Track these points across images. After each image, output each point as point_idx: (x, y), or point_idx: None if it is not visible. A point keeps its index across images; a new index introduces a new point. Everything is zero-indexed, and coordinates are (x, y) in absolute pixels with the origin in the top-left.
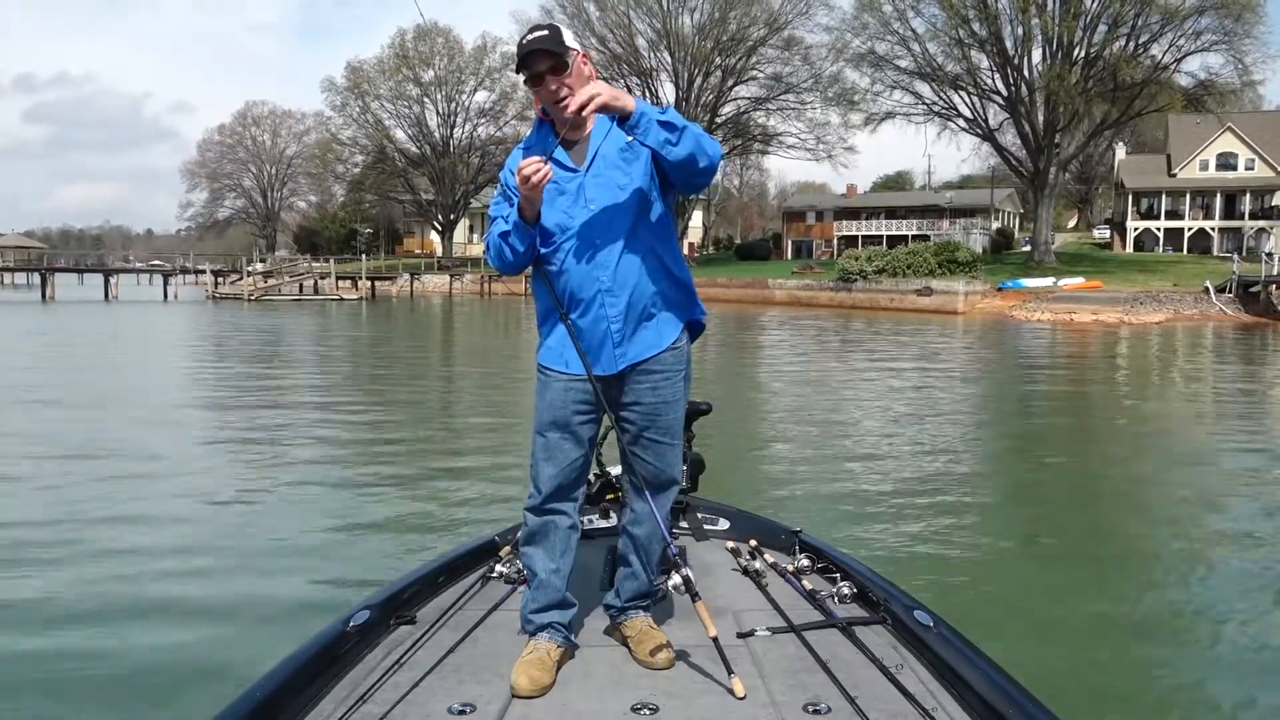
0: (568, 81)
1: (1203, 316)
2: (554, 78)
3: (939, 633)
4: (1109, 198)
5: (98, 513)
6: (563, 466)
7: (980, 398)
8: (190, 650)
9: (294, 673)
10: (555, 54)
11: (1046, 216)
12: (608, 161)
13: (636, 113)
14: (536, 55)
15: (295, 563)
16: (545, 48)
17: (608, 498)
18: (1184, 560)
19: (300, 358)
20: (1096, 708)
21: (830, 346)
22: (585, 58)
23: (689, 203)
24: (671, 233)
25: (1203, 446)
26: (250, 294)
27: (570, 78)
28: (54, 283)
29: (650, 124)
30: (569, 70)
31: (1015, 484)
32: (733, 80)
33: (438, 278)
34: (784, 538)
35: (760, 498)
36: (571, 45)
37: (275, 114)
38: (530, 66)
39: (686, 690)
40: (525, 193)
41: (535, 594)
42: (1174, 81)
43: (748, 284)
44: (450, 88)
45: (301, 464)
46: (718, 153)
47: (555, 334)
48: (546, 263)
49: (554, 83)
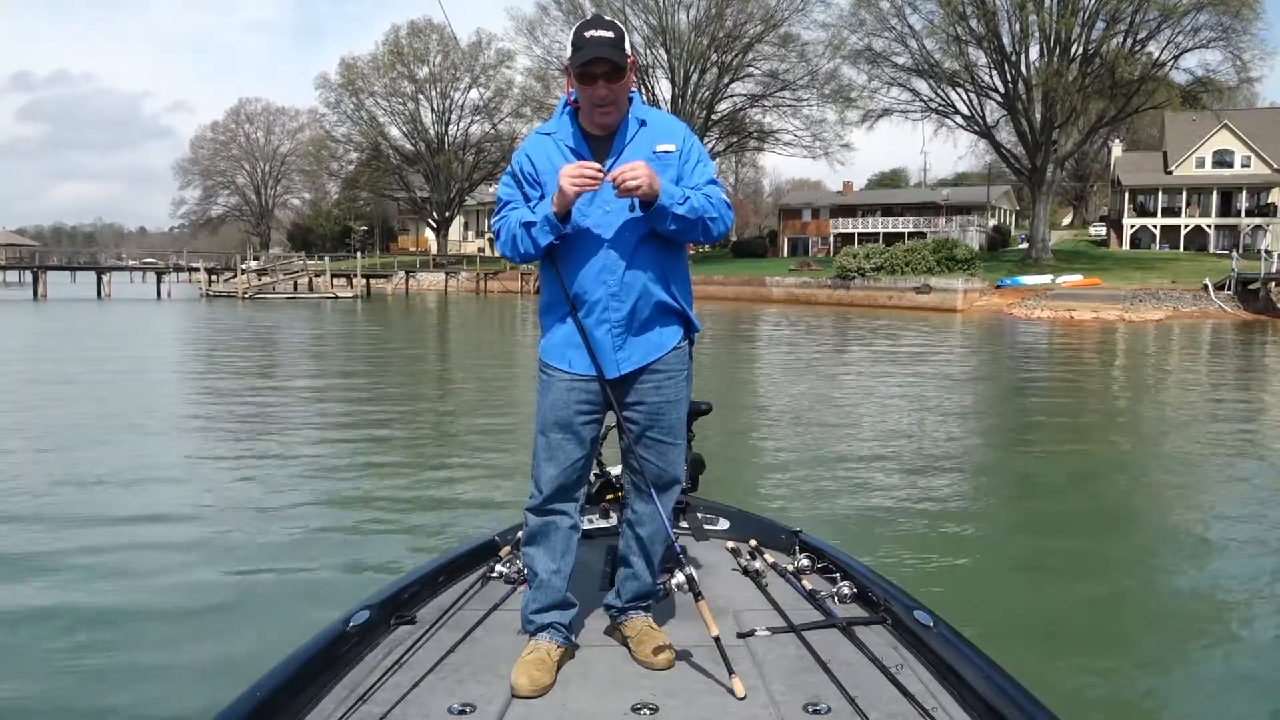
0: (617, 89)
1: (1202, 314)
2: (606, 83)
3: (939, 633)
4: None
5: (97, 513)
6: (565, 467)
7: (981, 397)
8: (190, 650)
9: (294, 673)
10: (615, 62)
11: (1043, 214)
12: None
13: (659, 204)
14: (598, 60)
15: (295, 563)
16: (608, 56)
17: (608, 498)
18: (1185, 560)
19: (296, 357)
20: (1096, 707)
21: (830, 345)
22: (633, 65)
23: None
24: (682, 251)
25: (1204, 446)
26: (244, 292)
27: (622, 86)
28: (46, 281)
29: (667, 215)
30: (624, 79)
31: (1016, 484)
32: (729, 77)
33: (433, 275)
34: (784, 538)
35: (760, 498)
36: (628, 52)
37: (269, 111)
38: (589, 67)
39: (686, 690)
40: (565, 189)
41: (536, 594)
42: (1171, 78)
43: (745, 282)
44: (445, 84)
45: (300, 464)
46: (723, 232)
47: (559, 330)
48: (556, 258)
49: (605, 88)
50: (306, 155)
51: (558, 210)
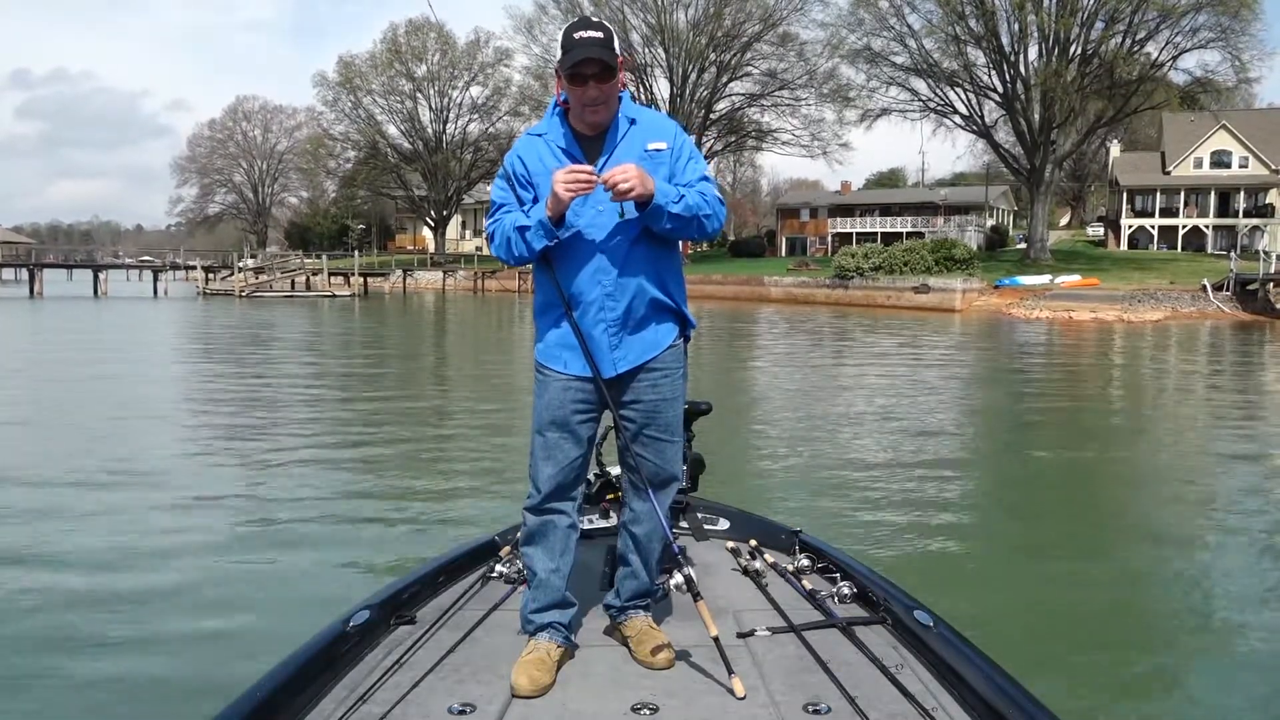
0: (607, 89)
1: (1200, 314)
2: (597, 84)
3: (939, 633)
4: (1102, 195)
5: (94, 513)
6: (562, 466)
7: (982, 397)
8: (190, 651)
9: (294, 673)
10: (605, 62)
11: (1042, 214)
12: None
13: (654, 204)
14: (588, 60)
15: (295, 563)
16: (598, 56)
17: (608, 498)
18: (1185, 560)
19: (294, 356)
20: (1096, 708)
21: (829, 344)
22: (623, 64)
23: None
24: (676, 248)
25: (1205, 447)
26: (241, 290)
27: (612, 86)
28: (42, 279)
29: (662, 215)
30: (615, 79)
31: (1016, 484)
32: (727, 76)
33: (431, 274)
34: (784, 538)
35: (760, 498)
36: (618, 52)
37: (266, 109)
38: (579, 68)
39: (686, 690)
40: (560, 194)
41: (535, 594)
42: (1170, 79)
43: (743, 281)
44: (443, 83)
45: (298, 464)
46: (718, 229)
47: (554, 331)
48: (551, 258)
49: (595, 88)
50: (304, 153)
51: (552, 214)
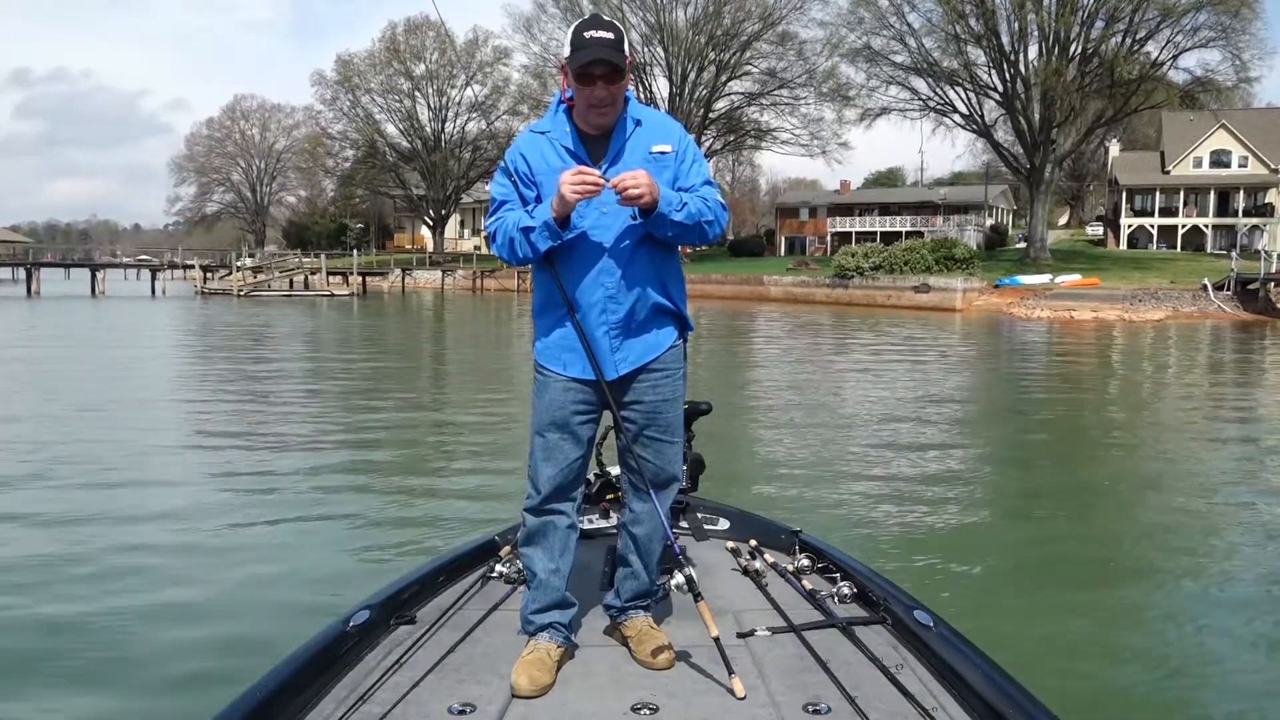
0: (615, 91)
1: (1201, 314)
2: (605, 85)
3: (939, 633)
4: (1101, 194)
5: (92, 513)
6: (562, 467)
7: (983, 397)
8: (189, 651)
9: (294, 673)
10: (615, 64)
11: (1042, 213)
12: (629, 168)
13: (659, 211)
14: (598, 61)
15: (295, 563)
16: (608, 58)
17: (608, 498)
18: (1185, 561)
19: (293, 355)
20: (1096, 708)
21: (829, 344)
22: (631, 65)
23: None
24: (676, 251)
25: (1206, 447)
26: (239, 289)
27: (620, 87)
28: (39, 278)
29: (666, 222)
30: (623, 80)
31: (1016, 484)
32: (727, 75)
33: (429, 273)
34: (784, 538)
35: (760, 498)
36: (627, 53)
37: (264, 108)
38: (588, 68)
39: (686, 690)
40: (567, 196)
41: (535, 594)
42: (1170, 78)
43: (743, 280)
44: (442, 82)
45: (298, 464)
46: (719, 234)
47: (554, 332)
48: (553, 260)
49: (603, 89)
50: (302, 152)
51: (557, 216)
